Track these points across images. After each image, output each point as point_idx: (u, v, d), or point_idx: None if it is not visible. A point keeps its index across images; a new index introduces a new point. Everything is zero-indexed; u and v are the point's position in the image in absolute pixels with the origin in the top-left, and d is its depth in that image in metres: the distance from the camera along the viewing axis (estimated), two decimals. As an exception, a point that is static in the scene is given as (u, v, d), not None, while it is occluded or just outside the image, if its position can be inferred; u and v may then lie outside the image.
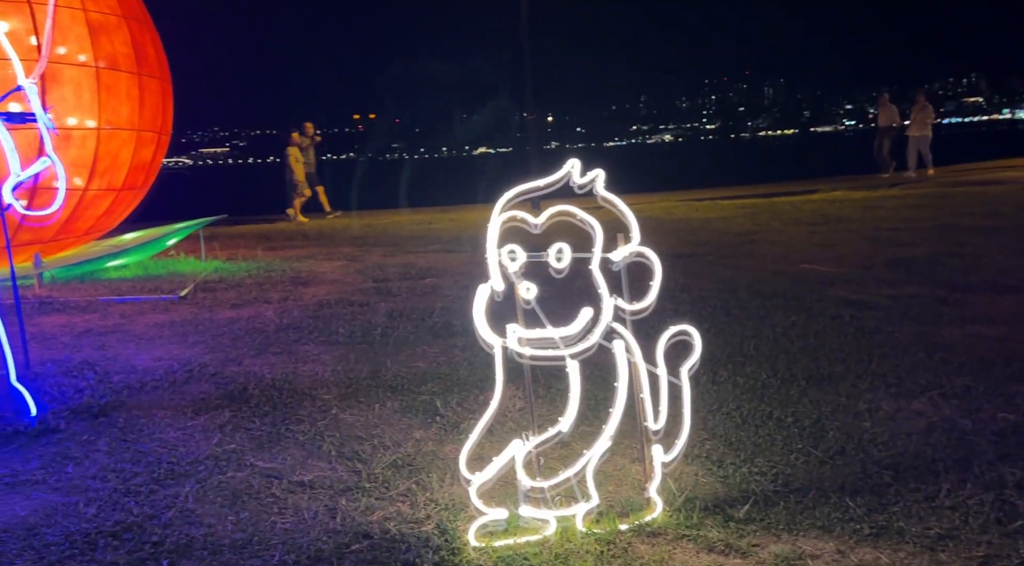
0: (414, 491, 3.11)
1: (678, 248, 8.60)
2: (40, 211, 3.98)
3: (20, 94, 3.88)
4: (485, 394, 4.16)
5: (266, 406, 4.06)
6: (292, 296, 6.81)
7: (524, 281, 2.92)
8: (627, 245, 2.97)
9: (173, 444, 3.60)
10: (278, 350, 5.08)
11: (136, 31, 7.23)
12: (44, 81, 5.87)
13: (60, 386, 4.32)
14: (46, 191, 6.14)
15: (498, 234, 2.93)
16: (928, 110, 18.51)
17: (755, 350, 4.80)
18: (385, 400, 4.14)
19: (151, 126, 7.45)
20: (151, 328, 5.72)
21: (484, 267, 7.97)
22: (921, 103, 18.49)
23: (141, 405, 4.09)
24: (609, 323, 2.93)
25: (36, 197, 6.11)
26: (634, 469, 3.25)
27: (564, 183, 2.98)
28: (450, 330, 5.47)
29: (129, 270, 8.09)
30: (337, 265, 8.71)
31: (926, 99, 18.74)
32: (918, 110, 18.39)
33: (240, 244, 10.63)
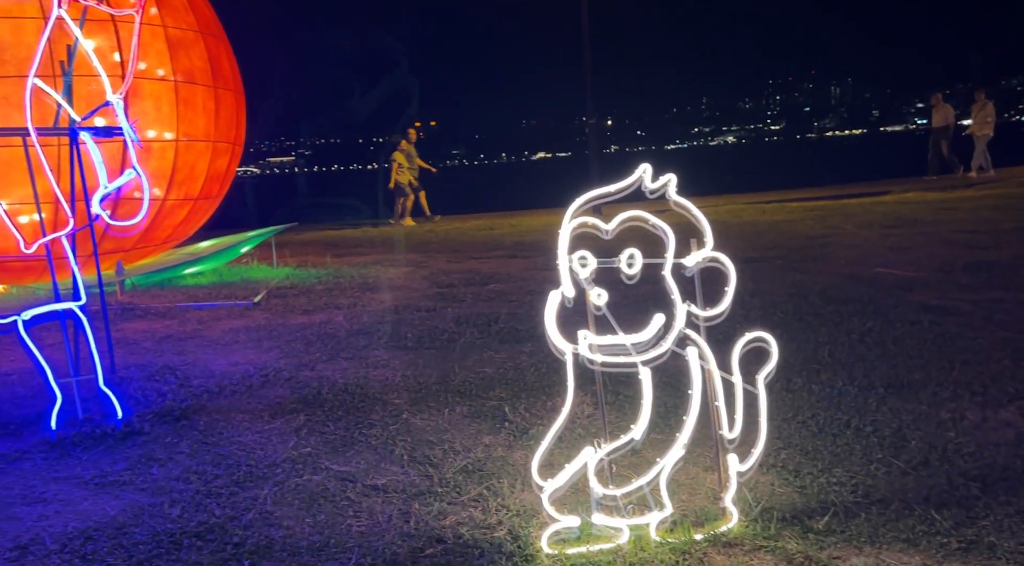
0: (485, 496, 3.12)
1: (746, 252, 8.44)
2: (124, 221, 4.14)
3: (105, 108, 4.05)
4: (553, 400, 4.16)
5: (339, 410, 4.14)
6: (361, 302, 6.92)
7: (595, 287, 2.91)
8: (701, 250, 2.94)
9: (251, 447, 3.70)
10: (349, 355, 5.18)
11: (212, 46, 7.49)
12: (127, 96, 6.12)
13: (143, 390, 4.48)
14: (128, 201, 6.40)
15: (569, 240, 2.93)
16: (988, 108, 17.81)
17: (830, 357, 4.68)
18: (454, 405, 4.17)
19: (226, 137, 7.70)
20: (227, 333, 5.89)
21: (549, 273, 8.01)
22: (981, 101, 17.80)
23: (220, 409, 4.21)
24: (682, 329, 2.90)
25: (119, 207, 6.36)
26: (707, 478, 3.20)
27: (635, 188, 2.96)
28: (516, 336, 5.49)
29: (205, 277, 8.36)
30: (403, 271, 8.83)
31: (986, 97, 18.03)
32: (978, 109, 17.73)
33: (309, 251, 10.87)
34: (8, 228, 4.06)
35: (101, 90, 5.45)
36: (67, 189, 4.16)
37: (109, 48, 6.30)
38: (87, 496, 3.22)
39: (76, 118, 4.03)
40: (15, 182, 5.82)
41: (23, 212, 6.27)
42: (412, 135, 17.01)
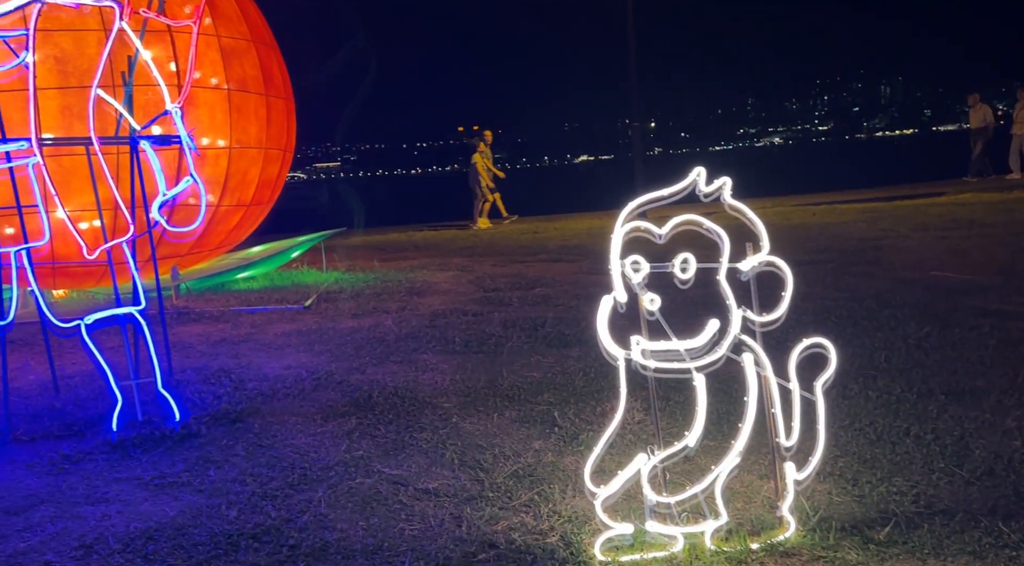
0: (537, 502, 3.12)
1: (797, 255, 8.30)
2: (181, 227, 4.24)
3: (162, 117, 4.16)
4: (602, 405, 4.14)
5: (390, 414, 4.17)
6: (409, 306, 6.98)
7: (648, 292, 2.89)
8: (757, 254, 2.89)
9: (305, 450, 3.75)
10: (399, 359, 5.22)
11: (264, 54, 7.63)
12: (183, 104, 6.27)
13: (200, 393, 4.58)
14: (183, 207, 6.54)
15: (621, 244, 2.91)
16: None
17: (887, 362, 4.57)
18: (503, 410, 4.18)
19: (277, 144, 7.84)
20: (280, 337, 5.99)
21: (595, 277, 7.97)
22: (1023, 100, 17.24)
23: (274, 411, 4.28)
24: (737, 335, 2.86)
25: (174, 213, 6.52)
26: (763, 486, 3.15)
27: (689, 191, 2.93)
28: (563, 340, 5.47)
29: (257, 281, 8.52)
30: (449, 275, 8.88)
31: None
32: (1020, 108, 17.17)
33: (357, 255, 11.00)
34: (69, 234, 4.18)
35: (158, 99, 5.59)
36: (127, 196, 4.27)
37: (166, 58, 6.47)
38: (147, 497, 3.29)
39: (136, 127, 4.14)
40: (75, 189, 6.00)
41: (82, 219, 6.46)
42: (489, 137, 17.02)
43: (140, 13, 4.12)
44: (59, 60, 6.05)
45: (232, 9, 7.23)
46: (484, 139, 16.85)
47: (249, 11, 7.63)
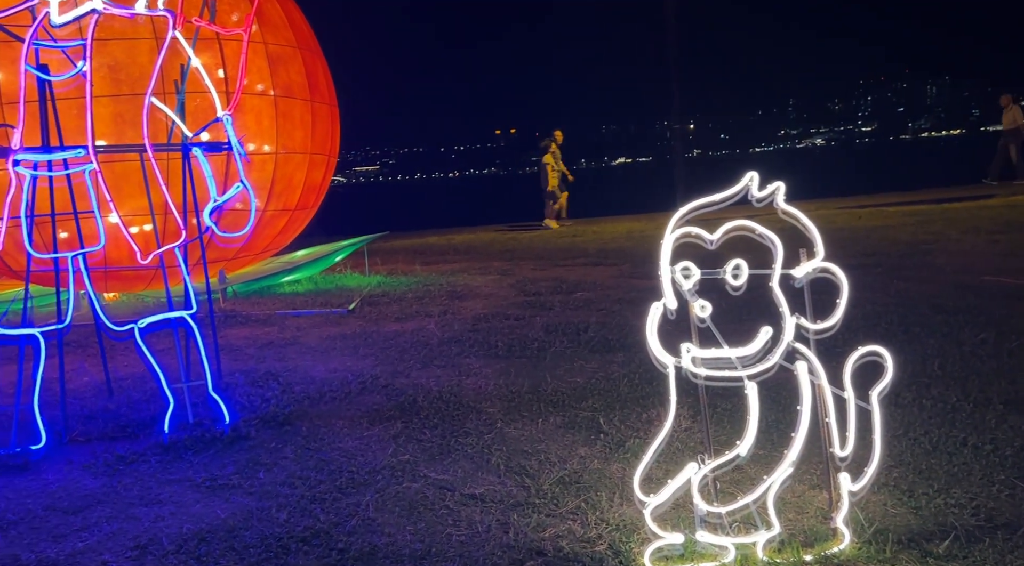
0: (584, 509, 3.10)
1: (844, 259, 8.09)
2: (231, 233, 4.31)
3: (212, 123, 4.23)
4: (647, 412, 4.10)
5: (435, 418, 4.18)
6: (451, 310, 7.00)
7: (699, 299, 2.85)
8: (811, 261, 2.84)
9: (352, 453, 3.77)
10: (442, 363, 5.24)
11: (309, 61, 7.73)
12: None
13: (248, 395, 4.64)
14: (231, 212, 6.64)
15: (671, 251, 2.88)
16: None
17: (940, 370, 4.46)
18: (547, 415, 4.16)
19: (321, 149, 7.93)
20: (325, 340, 6.05)
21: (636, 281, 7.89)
22: None
23: (321, 415, 4.32)
24: (791, 343, 2.81)
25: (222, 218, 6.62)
26: (815, 496, 3.09)
27: (741, 196, 2.89)
28: (607, 345, 5.44)
29: (301, 285, 8.62)
30: (490, 279, 8.89)
31: None
32: None
33: (399, 259, 11.07)
34: (121, 239, 4.26)
35: (207, 105, 5.69)
36: (177, 201, 4.35)
37: (214, 65, 6.59)
38: (199, 499, 3.34)
39: (188, 134, 4.22)
40: (127, 195, 6.13)
41: (133, 223, 6.60)
42: (559, 137, 16.90)
43: (192, 22, 4.20)
44: (112, 68, 6.20)
45: (279, 16, 7.33)
46: (555, 139, 16.73)
47: (295, 18, 7.73)
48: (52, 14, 3.87)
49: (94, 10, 3.90)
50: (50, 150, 4.01)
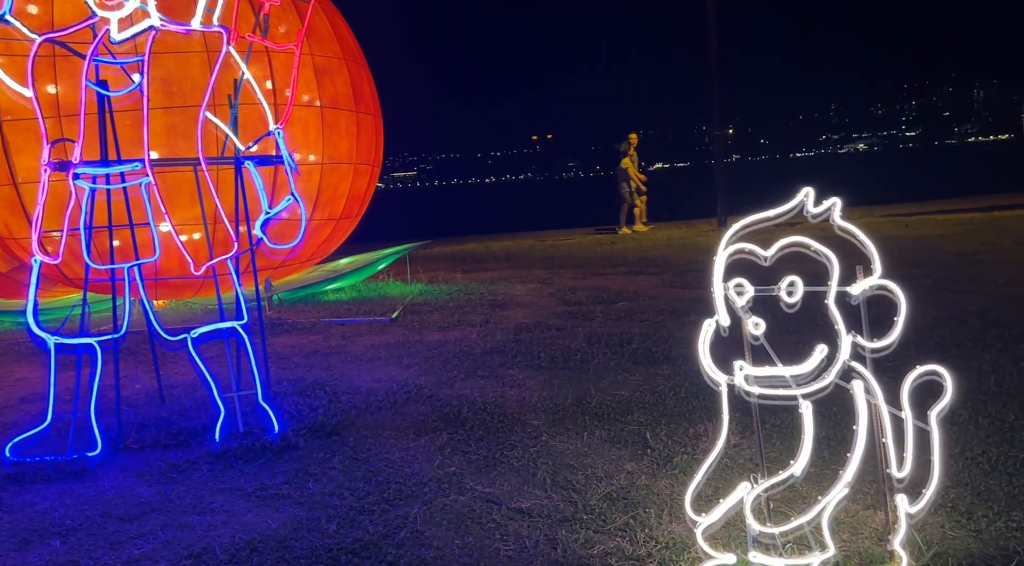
0: (632, 526, 3.07)
1: (891, 270, 7.97)
2: (282, 244, 4.37)
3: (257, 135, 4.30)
4: (694, 427, 4.06)
5: (480, 430, 4.19)
6: (492, 319, 7.01)
7: (752, 316, 2.82)
8: (868, 278, 2.80)
9: (399, 464, 3.80)
10: (485, 374, 5.24)
11: (354, 72, 7.83)
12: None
13: (296, 405, 4.70)
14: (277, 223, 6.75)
15: (724, 267, 2.85)
16: None
17: (997, 387, 4.35)
18: (593, 429, 4.14)
19: (366, 159, 8.03)
20: (369, 349, 6.10)
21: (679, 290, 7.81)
22: None
23: (367, 425, 4.35)
24: (847, 361, 2.76)
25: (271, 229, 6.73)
26: (871, 517, 3.03)
27: (797, 212, 2.85)
28: (651, 357, 5.40)
29: (345, 292, 8.72)
30: (530, 288, 8.89)
31: None
32: None
33: (439, 266, 11.13)
34: (170, 249, 4.34)
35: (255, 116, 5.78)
36: (229, 212, 4.43)
37: (262, 77, 6.70)
38: (250, 508, 3.39)
39: (241, 148, 4.29)
40: (178, 204, 6.24)
41: (182, 232, 6.73)
42: (634, 140, 16.78)
43: (245, 38, 4.28)
44: (164, 81, 6.34)
45: (325, 29, 7.44)
46: (630, 142, 16.61)
47: (341, 30, 7.84)
48: (112, 31, 3.97)
49: (152, 27, 3.99)
50: (108, 164, 4.12)
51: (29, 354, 6.60)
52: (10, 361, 6.43)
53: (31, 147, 6.36)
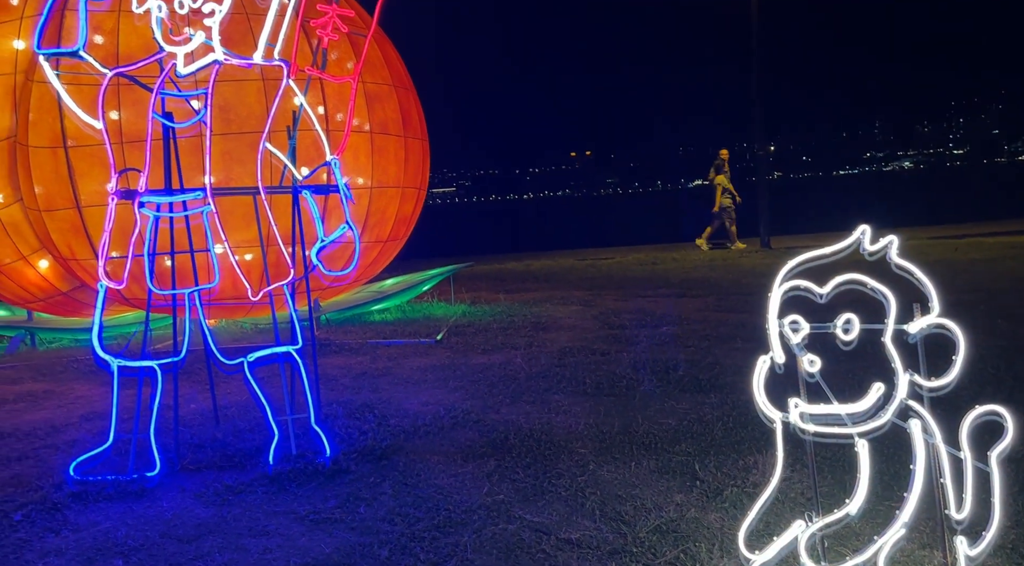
0: (683, 561, 3.07)
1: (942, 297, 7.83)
2: (336, 271, 4.46)
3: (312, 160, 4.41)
4: (744, 459, 4.03)
5: (527, 457, 4.21)
6: (536, 342, 7.04)
7: (808, 353, 2.82)
8: (926, 317, 2.77)
9: (448, 491, 3.84)
10: (531, 399, 5.27)
11: (403, 98, 7.98)
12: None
13: (347, 428, 4.77)
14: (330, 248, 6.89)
15: (779, 303, 2.86)
16: None
17: (1057, 423, 4.24)
18: (640, 458, 4.14)
19: (413, 183, 8.16)
20: (416, 371, 6.17)
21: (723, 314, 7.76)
22: None
23: (416, 449, 4.41)
24: (904, 400, 2.74)
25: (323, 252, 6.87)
26: (928, 557, 2.99)
27: (853, 250, 2.85)
28: (698, 385, 5.38)
29: (390, 313, 8.84)
30: (572, 310, 8.90)
31: None
32: None
33: (481, 287, 11.21)
34: (224, 271, 4.45)
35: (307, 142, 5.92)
36: (285, 237, 4.54)
37: (315, 102, 6.87)
38: (304, 532, 3.46)
39: (299, 177, 4.41)
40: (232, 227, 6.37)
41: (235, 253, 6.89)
42: (725, 155, 16.66)
43: (304, 71, 4.40)
44: (222, 109, 6.52)
45: (376, 55, 7.61)
46: (723, 158, 16.49)
47: (391, 57, 8.01)
48: (178, 65, 4.12)
49: (216, 61, 4.14)
50: (172, 193, 4.26)
51: (88, 372, 6.80)
52: (70, 378, 6.64)
53: (95, 172, 6.60)
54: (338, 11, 4.27)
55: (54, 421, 5.30)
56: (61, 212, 6.67)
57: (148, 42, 6.07)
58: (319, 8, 4.32)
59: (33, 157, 6.61)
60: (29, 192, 6.75)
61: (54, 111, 6.49)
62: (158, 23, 4.09)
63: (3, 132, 6.87)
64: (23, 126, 6.66)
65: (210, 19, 4.09)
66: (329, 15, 4.26)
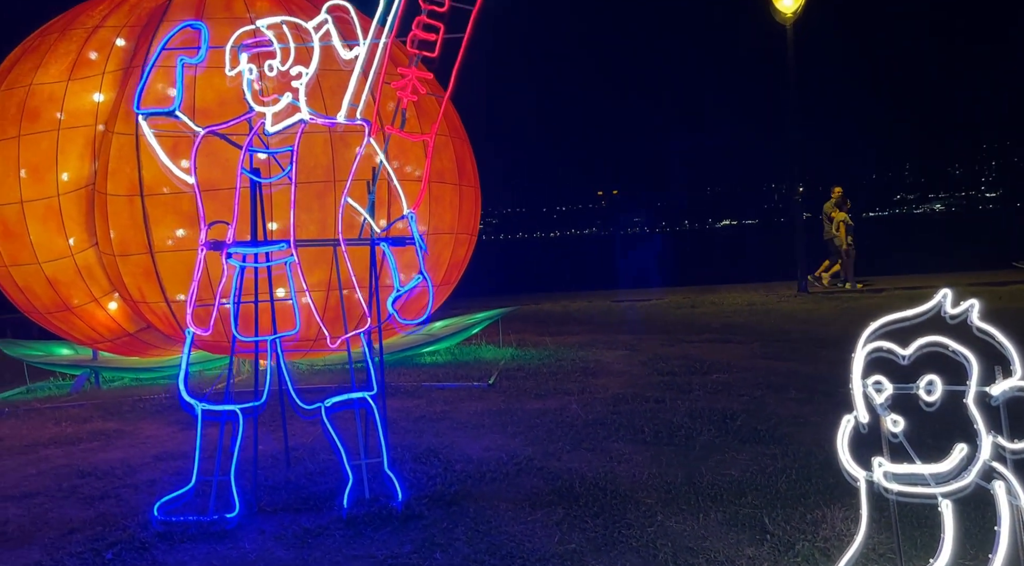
0: (763, 615, 3.11)
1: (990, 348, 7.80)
2: (412, 320, 4.63)
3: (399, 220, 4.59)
4: (811, 512, 4.06)
5: (595, 506, 4.28)
6: (588, 388, 7.12)
7: (891, 413, 2.89)
8: (1009, 379, 2.84)
9: (519, 538, 3.92)
10: (591, 447, 5.34)
11: (459, 148, 8.23)
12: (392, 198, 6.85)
13: (414, 472, 4.88)
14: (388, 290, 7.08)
15: (863, 364, 2.95)
16: None
17: None
18: (707, 510, 4.19)
19: (466, 229, 8.36)
20: (473, 416, 6.28)
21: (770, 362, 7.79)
22: None
23: (484, 495, 4.50)
24: (987, 461, 2.80)
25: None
26: (1011, 620, 3.00)
27: (934, 313, 2.94)
28: (757, 436, 5.42)
29: (440, 356, 8.98)
30: (619, 354, 8.97)
31: None
32: None
33: (525, 329, 11.31)
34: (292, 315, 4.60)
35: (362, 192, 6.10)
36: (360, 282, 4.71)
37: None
38: (386, 577, 3.55)
39: (377, 230, 4.60)
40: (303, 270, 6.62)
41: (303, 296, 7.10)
42: (840, 193, 16.46)
43: (384, 130, 4.62)
44: (289, 158, 6.79)
45: (435, 107, 7.86)
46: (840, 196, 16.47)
47: (447, 108, 8.27)
48: (266, 124, 4.36)
49: (302, 120, 4.37)
50: (258, 244, 4.47)
51: (153, 411, 7.00)
52: (137, 418, 6.83)
53: (167, 219, 6.88)
54: (417, 74, 4.48)
55: (129, 461, 5.46)
56: (135, 257, 6.93)
57: (223, 97, 6.40)
58: (399, 71, 4.55)
59: (111, 204, 6.90)
60: (105, 237, 7.03)
61: (132, 161, 6.79)
62: (248, 84, 4.33)
63: (82, 181, 7.20)
64: (102, 175, 6.98)
65: (297, 81, 4.32)
66: (409, 78, 4.48)
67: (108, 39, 7.48)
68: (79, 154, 7.16)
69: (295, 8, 7.70)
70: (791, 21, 15.91)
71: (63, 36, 7.54)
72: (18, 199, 7.13)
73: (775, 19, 16.13)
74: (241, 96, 4.36)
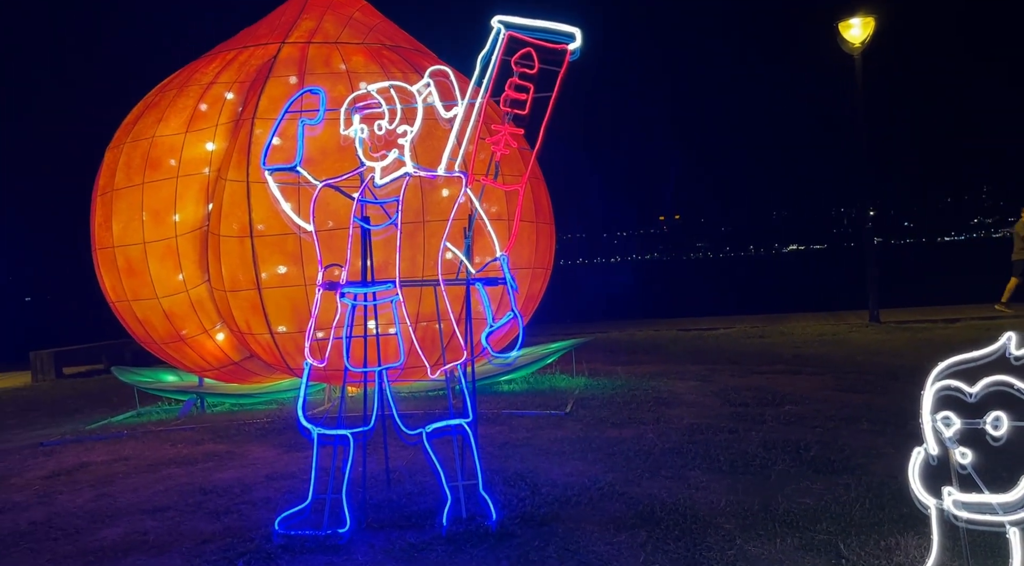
0: (840, 633, 3.35)
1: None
2: (502, 354, 5.03)
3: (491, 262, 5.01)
4: (885, 539, 4.27)
5: (676, 530, 4.57)
6: (663, 418, 7.39)
7: (959, 446, 3.15)
8: (1071, 418, 3.07)
9: (607, 558, 4.23)
10: (669, 474, 5.63)
11: (536, 187, 8.68)
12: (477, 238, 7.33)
13: (505, 494, 5.25)
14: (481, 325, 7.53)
15: (932, 401, 3.21)
16: None
17: None
18: (784, 536, 4.43)
19: (541, 263, 8.77)
20: (554, 443, 6.63)
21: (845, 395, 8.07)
22: None
23: (571, 517, 4.83)
24: (1053, 494, 3.02)
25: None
26: (1080, 643, 3.19)
27: (999, 355, 3.19)
28: (830, 466, 5.62)
29: (517, 384, 9.38)
30: (690, 385, 9.20)
31: None
32: None
33: (596, 358, 11.62)
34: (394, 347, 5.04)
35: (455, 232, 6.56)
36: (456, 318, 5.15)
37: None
38: (488, 589, 3.91)
39: (472, 271, 5.04)
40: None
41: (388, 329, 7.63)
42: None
43: (479, 180, 5.08)
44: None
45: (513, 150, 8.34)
46: None
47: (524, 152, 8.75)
48: (375, 177, 4.86)
49: (407, 173, 4.86)
50: (367, 285, 4.96)
51: (258, 435, 7.56)
52: (244, 441, 7.40)
53: (274, 258, 7.49)
54: (509, 130, 4.93)
55: (243, 480, 5.99)
56: (244, 292, 7.56)
57: (323, 148, 6.98)
58: (493, 128, 5.01)
59: (223, 244, 7.56)
60: (217, 274, 7.69)
61: (243, 205, 7.44)
62: (359, 142, 4.84)
63: (197, 223, 7.91)
64: (215, 218, 7.65)
65: (403, 138, 4.82)
66: (502, 133, 4.93)
67: (220, 94, 8.22)
68: (194, 199, 7.89)
69: (386, 62, 8.30)
70: (859, 51, 16.00)
71: (181, 92, 8.32)
72: (141, 240, 7.88)
73: (843, 48, 16.23)
74: (340, 148, 4.87)
